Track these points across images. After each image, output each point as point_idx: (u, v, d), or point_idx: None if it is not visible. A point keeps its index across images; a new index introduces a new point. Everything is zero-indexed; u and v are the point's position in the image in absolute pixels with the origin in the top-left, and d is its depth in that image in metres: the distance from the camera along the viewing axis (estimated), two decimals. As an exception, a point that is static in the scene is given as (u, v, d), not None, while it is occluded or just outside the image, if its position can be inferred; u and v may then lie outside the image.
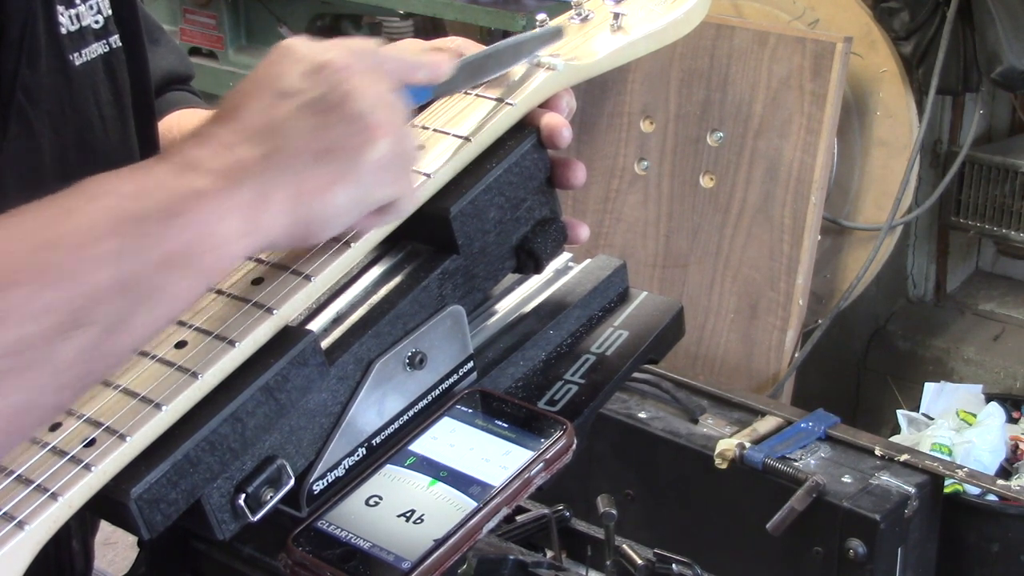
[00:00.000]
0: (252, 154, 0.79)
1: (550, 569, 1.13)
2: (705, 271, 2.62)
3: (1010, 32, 2.57)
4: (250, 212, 0.78)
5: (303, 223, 0.81)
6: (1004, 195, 2.84)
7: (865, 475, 1.67)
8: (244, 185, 0.78)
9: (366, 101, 0.82)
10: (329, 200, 0.81)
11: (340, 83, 0.82)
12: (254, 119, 0.81)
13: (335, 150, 0.81)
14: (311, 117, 0.81)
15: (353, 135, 0.81)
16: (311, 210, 0.80)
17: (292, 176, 0.80)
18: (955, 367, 2.90)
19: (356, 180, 0.81)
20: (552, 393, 0.98)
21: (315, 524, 0.85)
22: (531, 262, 0.98)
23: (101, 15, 1.04)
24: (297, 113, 0.81)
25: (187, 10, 3.47)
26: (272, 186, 0.79)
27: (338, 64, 0.83)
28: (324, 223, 0.82)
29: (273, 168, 0.79)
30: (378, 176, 0.82)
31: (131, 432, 0.77)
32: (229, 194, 0.78)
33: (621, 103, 2.70)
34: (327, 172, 0.81)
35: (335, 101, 0.81)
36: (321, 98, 0.81)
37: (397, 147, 0.83)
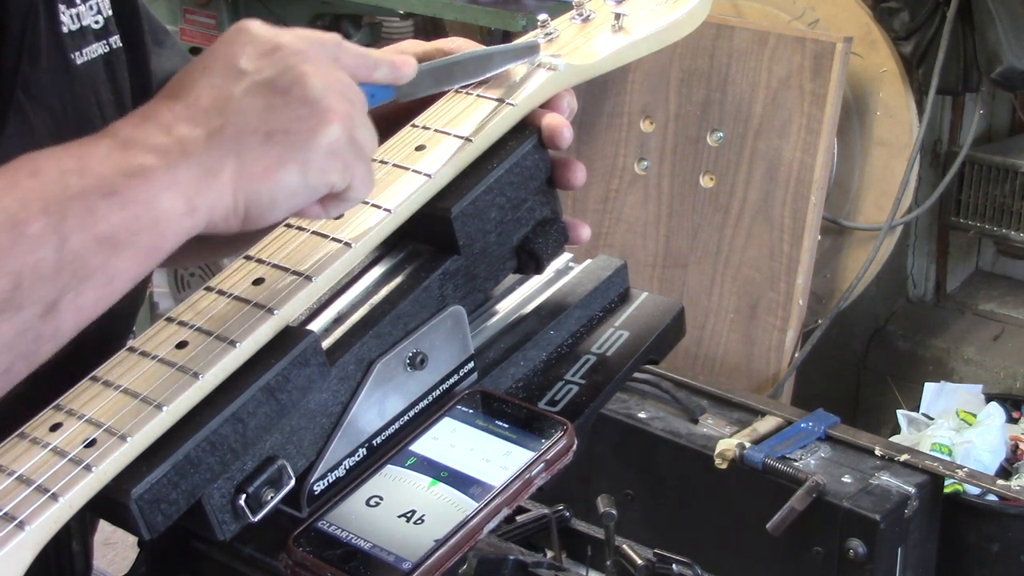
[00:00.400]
0: (196, 132, 0.78)
1: (550, 569, 1.13)
2: (705, 271, 2.62)
3: (1010, 32, 2.57)
4: (192, 191, 0.77)
5: (247, 204, 0.79)
6: (1004, 195, 2.84)
7: (865, 475, 1.67)
8: (187, 163, 0.77)
9: (319, 85, 0.80)
10: (275, 182, 0.79)
11: (293, 66, 0.81)
12: (202, 96, 0.79)
13: (284, 132, 0.79)
14: (261, 97, 0.79)
15: (304, 118, 0.80)
16: (256, 192, 0.79)
17: (237, 157, 0.78)
18: (955, 367, 2.90)
19: (304, 164, 0.80)
20: (553, 393, 0.98)
21: (316, 524, 0.85)
22: (532, 262, 0.98)
23: (101, 15, 1.04)
24: (247, 93, 0.79)
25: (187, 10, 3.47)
26: (216, 165, 0.77)
27: (293, 47, 0.82)
28: (269, 205, 0.80)
29: (218, 147, 0.78)
30: (327, 162, 0.80)
31: (132, 433, 0.77)
32: (171, 172, 0.76)
33: (621, 103, 2.70)
34: (274, 154, 0.79)
35: (287, 83, 0.80)
36: (273, 79, 0.80)
37: (350, 134, 0.81)
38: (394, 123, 0.97)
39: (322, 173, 0.81)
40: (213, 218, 0.78)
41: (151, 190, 0.75)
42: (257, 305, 0.84)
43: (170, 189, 0.76)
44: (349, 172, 0.82)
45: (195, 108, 0.79)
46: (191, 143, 0.77)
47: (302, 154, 0.80)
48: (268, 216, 0.81)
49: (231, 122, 0.78)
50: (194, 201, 0.77)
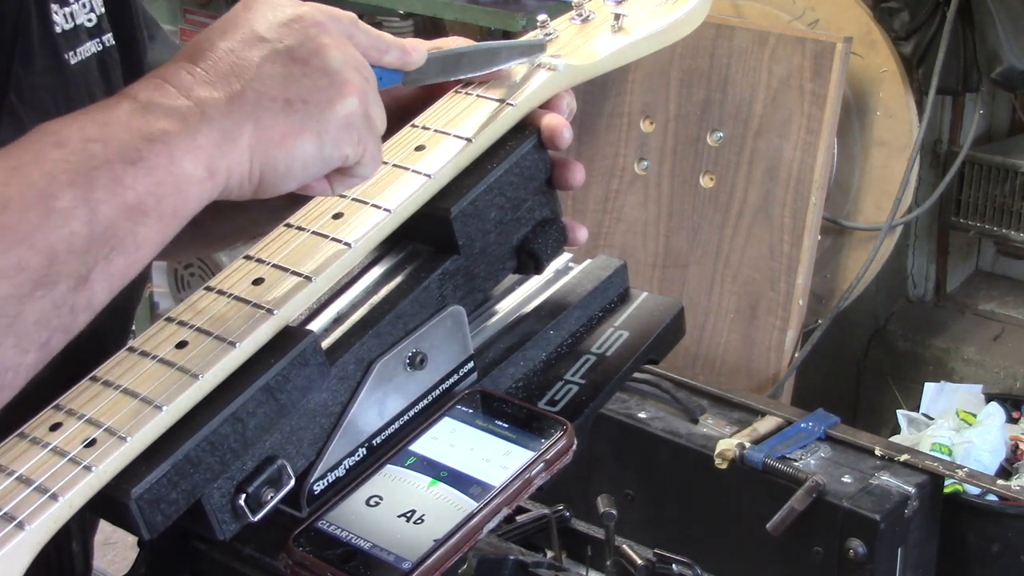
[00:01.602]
0: (216, 95, 0.78)
1: (550, 569, 1.13)
2: (705, 271, 2.62)
3: (1010, 32, 2.57)
4: (212, 155, 0.77)
5: (262, 171, 0.79)
6: (1004, 195, 2.84)
7: (865, 475, 1.67)
8: (207, 127, 0.77)
9: (338, 58, 0.81)
10: (291, 150, 0.79)
11: (314, 37, 0.81)
12: (222, 60, 0.79)
13: (302, 101, 0.79)
14: (281, 65, 0.80)
15: (322, 89, 0.80)
16: (272, 158, 0.79)
17: (256, 123, 0.78)
18: (955, 367, 2.90)
19: (320, 133, 0.80)
20: (552, 393, 0.98)
21: (316, 524, 0.86)
22: (532, 262, 0.98)
23: (94, 13, 1.03)
24: (267, 59, 0.79)
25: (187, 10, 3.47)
26: (235, 130, 0.77)
27: (313, 19, 0.82)
28: (284, 173, 0.80)
29: (237, 112, 0.78)
30: (342, 133, 0.81)
31: (131, 432, 0.77)
32: (191, 136, 0.76)
33: (621, 103, 2.70)
34: (292, 122, 0.79)
35: (307, 53, 0.80)
36: (293, 48, 0.80)
37: (364, 108, 0.82)
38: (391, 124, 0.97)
39: (337, 144, 0.81)
40: (230, 183, 0.78)
41: (173, 155, 0.75)
42: (257, 305, 0.84)
43: (191, 153, 0.76)
44: (361, 146, 0.83)
45: (214, 72, 0.79)
46: (210, 106, 0.77)
47: (319, 124, 0.80)
48: (281, 185, 0.81)
49: (251, 87, 0.79)
50: (214, 164, 0.77)
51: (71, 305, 0.73)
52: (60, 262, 0.72)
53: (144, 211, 0.75)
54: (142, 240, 0.75)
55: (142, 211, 0.74)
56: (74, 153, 0.73)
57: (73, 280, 0.72)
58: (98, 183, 0.73)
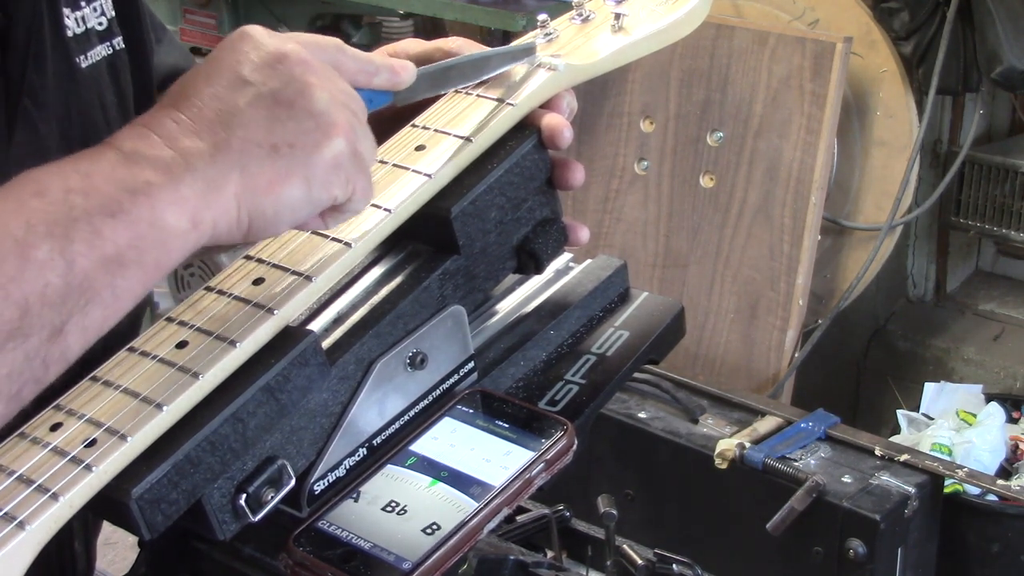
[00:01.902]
0: (201, 145, 0.77)
1: (550, 569, 1.13)
2: (705, 271, 2.62)
3: (1010, 32, 2.57)
4: (196, 206, 0.76)
5: (250, 219, 0.78)
6: (1004, 195, 2.84)
7: (865, 475, 1.67)
8: (191, 177, 0.76)
9: (324, 98, 0.80)
10: (279, 196, 0.78)
11: (299, 76, 0.80)
12: (206, 107, 0.78)
13: (289, 145, 0.78)
14: (266, 109, 0.78)
15: (309, 132, 0.79)
16: (260, 206, 0.78)
17: (242, 170, 0.77)
18: (955, 367, 2.90)
19: (308, 178, 0.79)
20: (553, 393, 0.98)
21: (316, 524, 0.85)
22: (532, 262, 0.98)
23: (105, 16, 1.04)
24: (252, 104, 0.78)
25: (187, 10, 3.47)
26: (221, 179, 0.77)
27: (297, 57, 0.80)
28: (272, 219, 0.79)
29: (222, 161, 0.77)
30: (330, 175, 0.80)
31: (132, 432, 0.77)
32: (175, 187, 0.75)
33: (621, 103, 2.70)
34: (279, 168, 0.78)
35: (292, 95, 0.79)
36: (278, 91, 0.79)
37: (352, 147, 0.81)
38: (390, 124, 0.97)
39: (325, 187, 0.80)
40: (217, 232, 0.78)
41: (156, 208, 0.75)
42: (257, 305, 0.84)
43: (175, 205, 0.75)
44: (351, 185, 0.82)
45: (199, 120, 0.78)
46: (195, 156, 0.77)
47: (306, 168, 0.79)
48: (271, 229, 0.81)
49: (236, 135, 0.78)
50: (198, 216, 0.76)
51: (44, 356, 0.73)
52: (34, 314, 0.71)
53: (123, 264, 0.74)
54: (120, 292, 0.75)
55: (121, 264, 0.74)
56: (54, 204, 0.73)
57: (47, 332, 0.72)
58: (77, 235, 0.72)
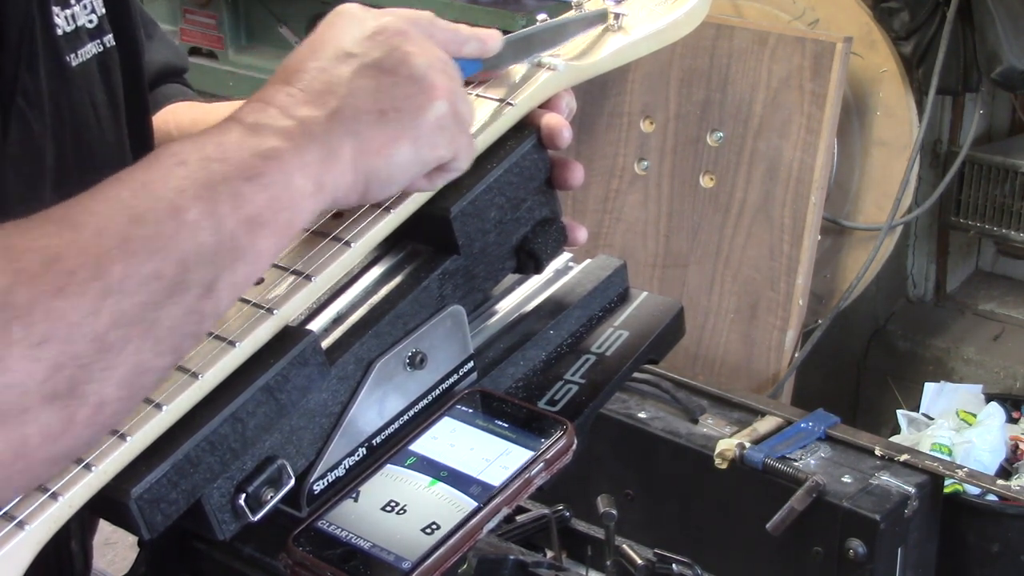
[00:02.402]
0: (316, 114, 0.82)
1: (550, 569, 1.13)
2: (705, 271, 2.62)
3: (1010, 32, 2.57)
4: (319, 170, 0.80)
5: (365, 181, 0.83)
6: (1004, 195, 2.84)
7: (865, 475, 1.66)
8: (311, 144, 0.81)
9: (423, 64, 0.85)
10: (391, 158, 0.83)
11: (398, 46, 0.85)
12: (315, 80, 0.84)
13: (395, 110, 0.84)
14: (371, 78, 0.84)
15: (412, 96, 0.84)
16: (374, 168, 0.83)
17: (355, 135, 0.82)
18: (955, 367, 2.90)
19: (415, 139, 0.84)
20: (552, 393, 0.98)
21: (315, 524, 0.86)
22: (531, 262, 0.98)
23: (95, 14, 1.04)
24: (357, 74, 0.84)
25: (187, 10, 3.47)
26: (337, 145, 0.81)
27: (395, 28, 0.86)
28: (385, 180, 0.84)
29: (337, 128, 0.82)
30: (436, 135, 0.85)
31: (131, 432, 0.77)
32: (299, 153, 0.80)
33: (621, 103, 2.70)
34: (388, 131, 0.83)
35: (394, 63, 0.84)
36: (380, 60, 0.84)
37: (454, 107, 0.86)
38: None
39: (432, 147, 0.86)
40: (337, 194, 0.82)
41: (285, 171, 0.79)
42: (256, 305, 0.84)
43: (301, 169, 0.80)
44: (455, 144, 0.87)
45: (310, 92, 0.83)
46: (313, 124, 0.81)
47: (413, 130, 0.84)
48: (385, 190, 0.85)
49: (346, 103, 0.83)
50: (321, 180, 0.81)
51: (200, 312, 0.76)
52: (191, 271, 0.75)
53: (263, 223, 0.78)
54: (261, 250, 0.79)
55: (261, 223, 0.78)
56: (196, 171, 0.77)
57: (202, 288, 0.76)
58: (222, 197, 0.77)
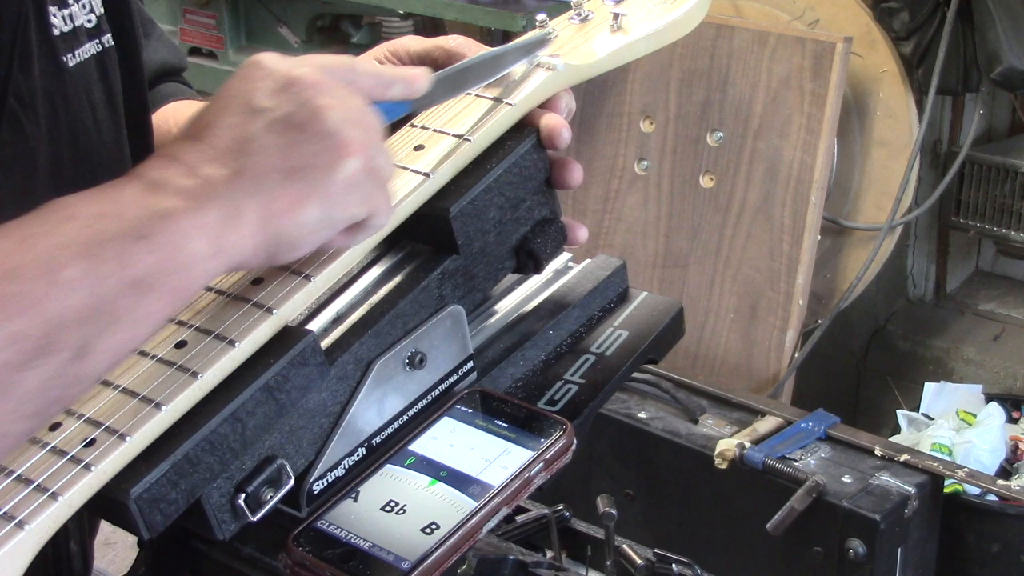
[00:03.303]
0: (220, 173, 0.79)
1: (550, 569, 1.13)
2: (705, 271, 2.62)
3: (1010, 32, 2.57)
4: (218, 232, 0.77)
5: (272, 243, 0.80)
6: (1004, 195, 2.84)
7: (865, 475, 1.67)
8: (212, 205, 0.77)
9: (336, 118, 0.81)
10: (298, 219, 0.79)
11: (310, 100, 0.81)
12: (223, 137, 0.80)
13: (304, 168, 0.80)
14: (279, 135, 0.80)
15: (322, 153, 0.80)
16: (280, 229, 0.79)
17: (260, 196, 0.79)
18: (955, 367, 2.90)
19: (325, 198, 0.80)
20: (552, 393, 0.98)
21: (315, 524, 0.85)
22: (531, 262, 0.98)
23: (94, 14, 1.03)
24: (266, 131, 0.80)
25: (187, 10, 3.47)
26: (240, 206, 0.78)
27: (308, 80, 0.82)
28: (294, 242, 0.81)
29: (241, 188, 0.78)
30: (348, 194, 0.81)
31: (131, 432, 0.77)
32: (197, 214, 0.77)
33: (621, 103, 2.70)
34: (296, 191, 0.79)
35: (304, 118, 0.80)
36: (290, 115, 0.80)
37: (369, 164, 0.82)
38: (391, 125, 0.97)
39: (343, 206, 0.81)
40: (239, 257, 0.79)
41: (179, 233, 0.76)
42: (256, 304, 0.84)
43: (197, 231, 0.77)
44: (369, 202, 0.83)
45: (217, 149, 0.80)
46: (216, 184, 0.78)
47: (323, 189, 0.80)
48: (293, 252, 0.82)
49: (252, 161, 0.79)
50: (220, 242, 0.77)
51: (70, 376, 0.74)
52: (62, 333, 0.72)
53: (148, 286, 0.75)
54: (144, 314, 0.76)
55: (146, 287, 0.75)
56: (84, 227, 0.74)
57: (73, 351, 0.73)
58: (106, 256, 0.74)
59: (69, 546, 1.09)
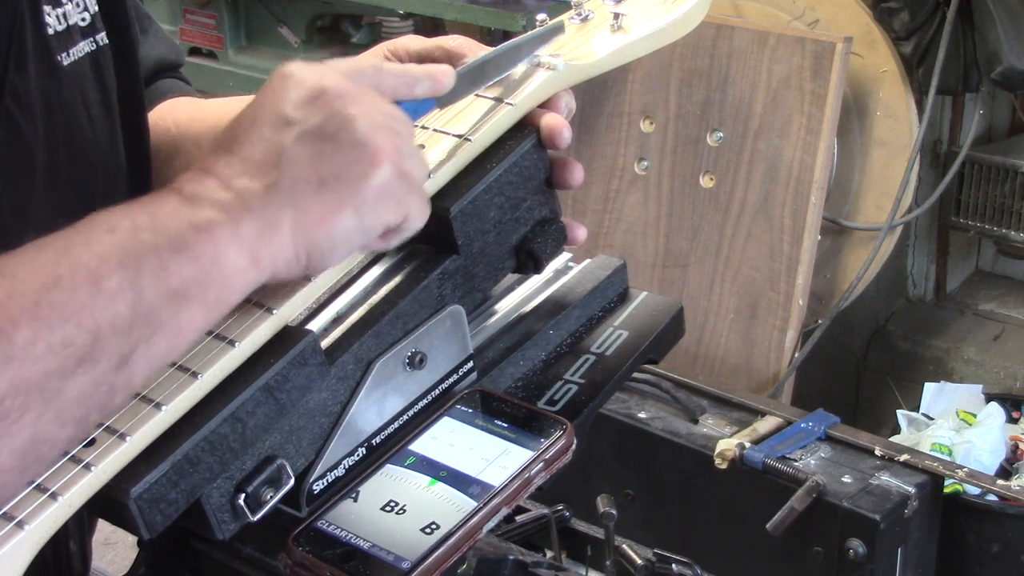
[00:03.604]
0: (254, 186, 0.80)
1: (550, 569, 1.13)
2: (705, 271, 2.62)
3: (1010, 32, 2.57)
4: (255, 245, 0.78)
5: (307, 253, 0.81)
6: (1004, 195, 2.84)
7: (865, 475, 1.66)
8: (248, 217, 0.79)
9: (366, 127, 0.82)
10: (332, 229, 0.81)
11: (339, 110, 0.82)
12: (254, 150, 0.81)
13: (336, 179, 0.81)
14: (311, 146, 0.81)
15: (353, 163, 0.81)
16: (315, 240, 0.81)
17: (294, 207, 0.80)
18: (955, 367, 2.90)
19: (358, 207, 0.81)
20: (552, 393, 0.98)
21: (315, 524, 0.85)
22: (531, 262, 0.98)
23: (88, 12, 1.03)
24: (297, 143, 0.81)
25: (187, 10, 3.46)
26: (275, 218, 0.79)
27: (337, 90, 0.82)
28: (328, 252, 0.82)
29: (275, 200, 0.79)
30: (381, 202, 0.82)
31: (131, 432, 0.77)
32: (234, 226, 0.78)
33: (621, 103, 2.70)
34: (329, 202, 0.80)
35: (334, 129, 0.81)
36: (320, 126, 0.81)
37: (400, 169, 0.83)
38: None
39: (376, 214, 0.82)
40: (277, 268, 0.80)
41: (218, 245, 0.77)
42: (256, 304, 0.84)
43: (235, 243, 0.78)
44: (403, 207, 0.84)
45: (249, 162, 0.81)
46: (251, 196, 0.79)
47: (355, 198, 0.81)
48: (329, 260, 0.83)
49: (285, 173, 0.80)
50: (257, 254, 0.79)
51: (111, 384, 0.75)
52: (104, 341, 0.73)
53: (188, 297, 0.77)
54: (184, 325, 0.77)
55: (186, 297, 0.77)
56: (124, 239, 0.76)
57: (115, 360, 0.74)
58: (145, 268, 0.75)
59: (69, 545, 1.09)
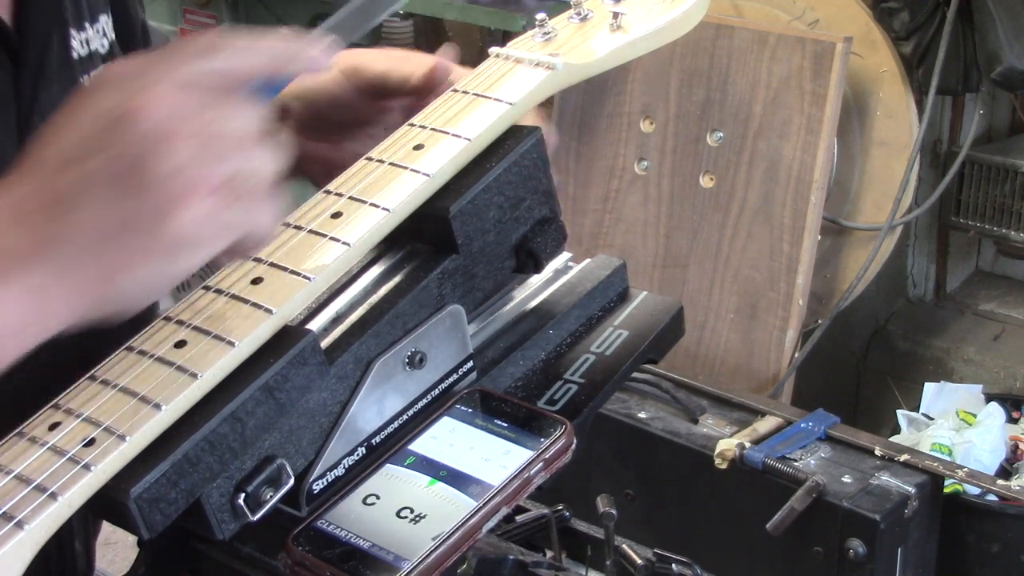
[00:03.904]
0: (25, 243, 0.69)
1: (550, 569, 1.13)
2: (705, 271, 2.62)
3: (1010, 32, 2.57)
4: (29, 304, 0.69)
5: (104, 303, 0.72)
6: (1004, 195, 2.84)
7: (865, 475, 1.66)
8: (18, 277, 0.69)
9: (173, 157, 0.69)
10: (135, 275, 0.71)
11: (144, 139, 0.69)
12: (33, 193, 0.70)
13: (132, 225, 0.69)
14: (101, 187, 0.69)
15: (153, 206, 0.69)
16: (111, 291, 0.71)
17: (78, 263, 0.69)
18: (955, 367, 2.90)
19: (162, 252, 0.71)
20: (552, 393, 0.98)
21: (315, 524, 0.85)
22: (531, 262, 0.98)
23: (106, 39, 1.04)
24: (83, 184, 0.69)
25: (187, 10, 3.47)
26: (55, 275, 0.69)
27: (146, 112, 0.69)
28: (137, 294, 0.73)
29: (53, 256, 0.69)
30: (191, 243, 0.71)
31: (131, 432, 0.77)
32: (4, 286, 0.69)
33: (621, 103, 2.70)
34: (125, 251, 0.70)
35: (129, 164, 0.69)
36: (114, 161, 0.69)
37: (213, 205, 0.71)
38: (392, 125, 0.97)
39: (188, 255, 0.72)
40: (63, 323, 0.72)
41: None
42: (256, 304, 0.84)
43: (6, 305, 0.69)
44: (226, 234, 0.73)
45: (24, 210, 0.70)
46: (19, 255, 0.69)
47: (157, 244, 0.70)
48: (137, 303, 0.74)
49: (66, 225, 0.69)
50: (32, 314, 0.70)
51: None
52: None
53: None
54: None
55: None
56: None
57: None
58: None
59: (74, 545, 1.09)
